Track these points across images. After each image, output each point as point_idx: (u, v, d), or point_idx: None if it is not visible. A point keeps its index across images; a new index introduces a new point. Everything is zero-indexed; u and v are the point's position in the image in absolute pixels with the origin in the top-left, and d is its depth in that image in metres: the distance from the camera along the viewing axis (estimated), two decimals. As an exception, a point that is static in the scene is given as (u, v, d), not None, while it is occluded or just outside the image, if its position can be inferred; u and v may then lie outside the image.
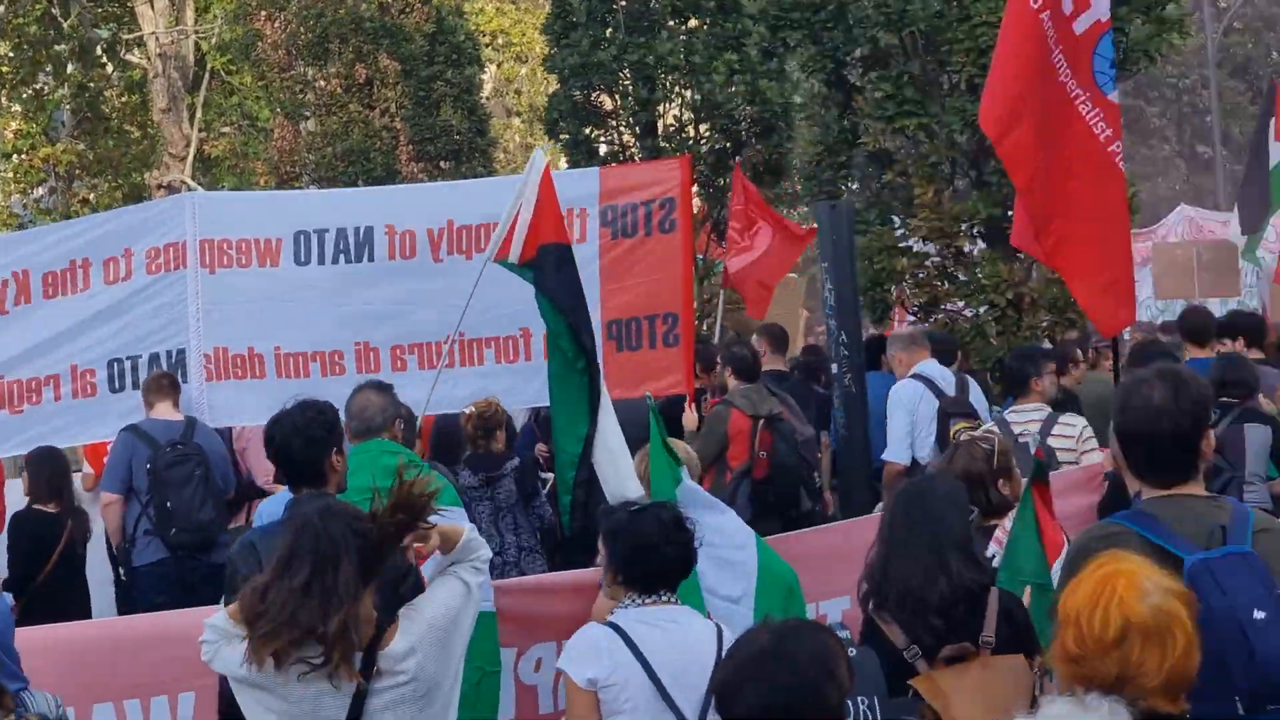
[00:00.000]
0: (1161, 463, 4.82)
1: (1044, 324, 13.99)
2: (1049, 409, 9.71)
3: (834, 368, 12.06)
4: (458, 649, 5.09)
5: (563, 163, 25.31)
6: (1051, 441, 9.37)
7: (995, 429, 8.68)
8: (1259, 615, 4.46)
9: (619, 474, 7.15)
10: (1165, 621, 3.67)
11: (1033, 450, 9.08)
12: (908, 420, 10.40)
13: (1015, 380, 9.95)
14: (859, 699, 5.16)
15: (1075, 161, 8.94)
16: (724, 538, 6.66)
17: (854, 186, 17.42)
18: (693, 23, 21.11)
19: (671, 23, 20.85)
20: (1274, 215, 20.25)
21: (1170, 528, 4.68)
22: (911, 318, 15.59)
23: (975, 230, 14.63)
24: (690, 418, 10.69)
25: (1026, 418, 9.61)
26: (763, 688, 3.74)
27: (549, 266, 7.62)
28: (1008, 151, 9.02)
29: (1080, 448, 9.33)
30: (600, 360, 8.75)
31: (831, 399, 11.58)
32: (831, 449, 11.80)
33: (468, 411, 9.96)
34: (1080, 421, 9.55)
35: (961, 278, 14.69)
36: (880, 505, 9.18)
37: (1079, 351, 12.89)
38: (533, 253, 7.62)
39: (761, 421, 10.56)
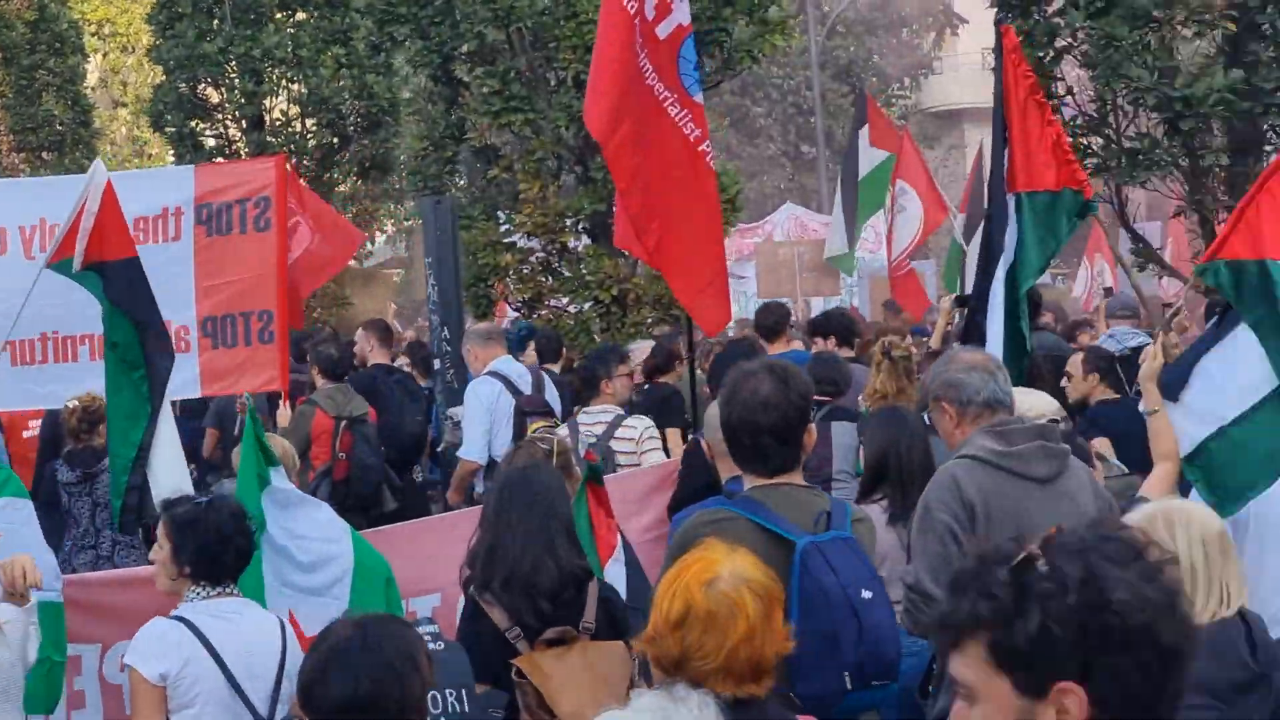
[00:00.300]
0: (767, 453, 4.97)
1: (649, 320, 14.19)
2: (619, 410, 9.84)
3: (436, 363, 12.06)
4: None
5: (169, 157, 24.67)
6: (613, 444, 9.49)
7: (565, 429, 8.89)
8: (866, 594, 4.73)
9: (173, 481, 7.08)
10: (726, 608, 3.75)
11: (597, 451, 9.26)
12: (486, 418, 10.36)
13: (586, 382, 10.07)
14: (447, 691, 5.18)
15: (669, 163, 9.07)
16: (318, 530, 6.62)
17: (460, 182, 17.42)
18: (300, 16, 20.84)
19: (279, 15, 20.54)
20: (873, 217, 21.03)
21: (778, 513, 4.85)
22: (515, 313, 15.69)
23: (580, 226, 14.77)
24: (284, 414, 10.57)
25: (595, 419, 9.72)
26: (348, 677, 3.73)
27: (118, 278, 7.45)
28: (613, 153, 9.13)
29: (640, 449, 9.48)
30: (190, 360, 8.53)
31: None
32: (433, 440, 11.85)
33: (70, 406, 9.71)
34: (643, 424, 9.68)
35: (566, 274, 14.81)
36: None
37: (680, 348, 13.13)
38: (95, 259, 7.42)
39: (344, 422, 10.59)
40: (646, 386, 11.19)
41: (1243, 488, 6.31)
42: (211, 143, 21.37)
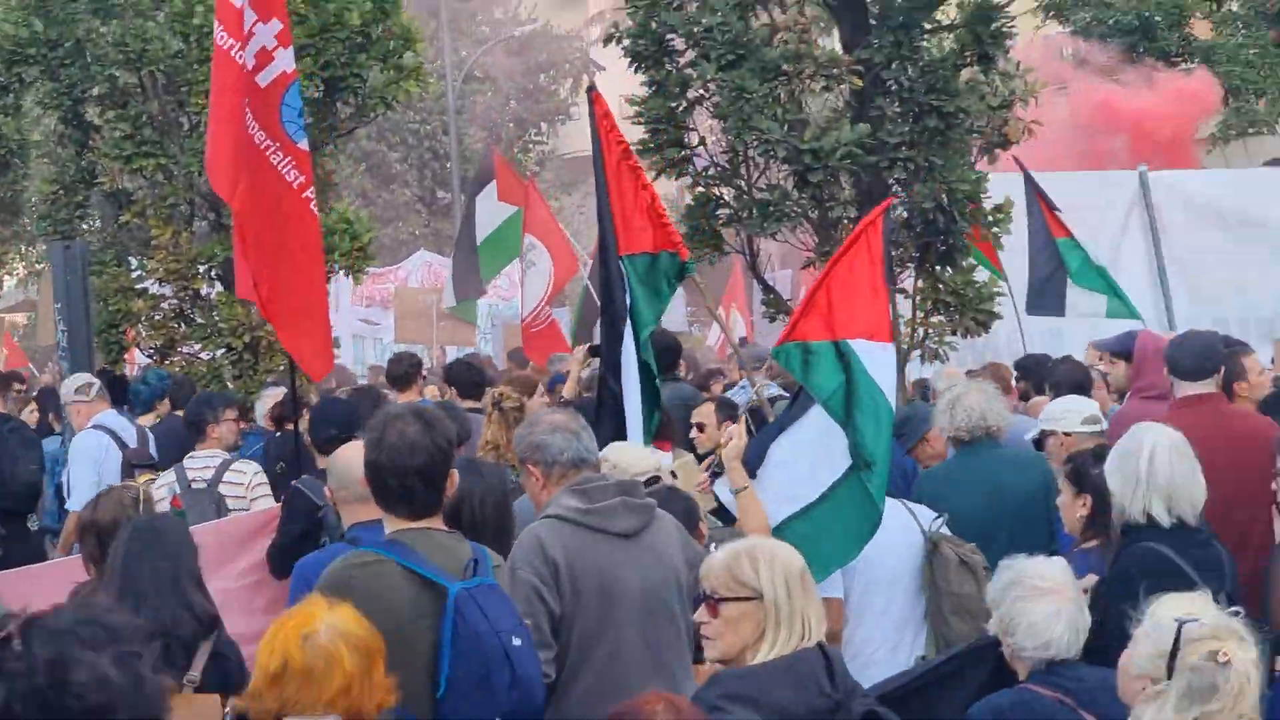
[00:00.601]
0: (413, 495, 5.01)
1: (281, 367, 13.96)
2: (226, 455, 9.77)
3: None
4: None
5: None
6: (222, 488, 9.42)
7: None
8: (516, 641, 4.76)
9: None
10: (323, 662, 3.82)
11: (209, 497, 9.26)
12: (93, 471, 10.33)
13: (193, 426, 9.96)
14: None
15: (273, 211, 9.03)
16: None
17: (92, 226, 16.89)
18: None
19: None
20: (509, 266, 21.07)
21: (428, 558, 4.87)
22: (147, 359, 15.32)
23: (214, 273, 14.48)
24: None
25: (204, 464, 9.60)
26: None
27: None
28: (238, 208, 9.10)
29: (250, 494, 9.42)
30: None
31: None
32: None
33: None
34: (251, 468, 9.64)
35: (199, 320, 14.52)
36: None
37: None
38: None
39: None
40: (278, 434, 11.06)
41: (827, 562, 6.58)
42: None
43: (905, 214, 12.53)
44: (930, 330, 12.65)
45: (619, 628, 5.59)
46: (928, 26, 12.80)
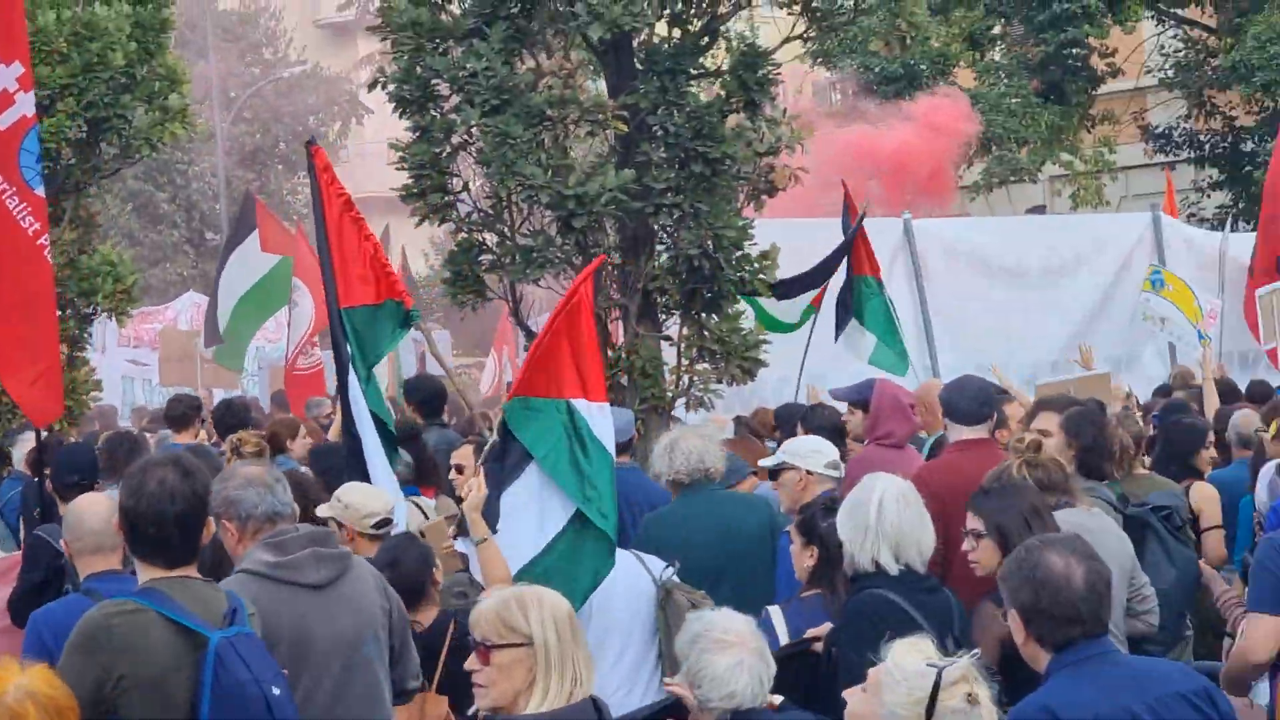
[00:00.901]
0: (171, 543, 5.03)
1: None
2: None
3: None
4: None
5: None
6: None
7: None
8: (276, 691, 4.82)
9: None
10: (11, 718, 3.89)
11: None
12: None
13: None
14: None
15: (8, 256, 8.89)
16: None
17: None
18: None
19: None
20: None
21: (186, 606, 4.86)
22: None
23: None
24: None
25: None
26: None
27: None
28: None
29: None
30: None
31: None
32: None
33: None
34: None
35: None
36: None
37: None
38: None
39: None
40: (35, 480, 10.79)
41: None
42: None
43: (671, 260, 12.48)
44: (695, 378, 12.59)
45: (312, 679, 5.67)
46: (694, 72, 12.79)
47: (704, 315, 12.64)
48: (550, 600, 4.68)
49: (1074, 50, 27.41)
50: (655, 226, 12.51)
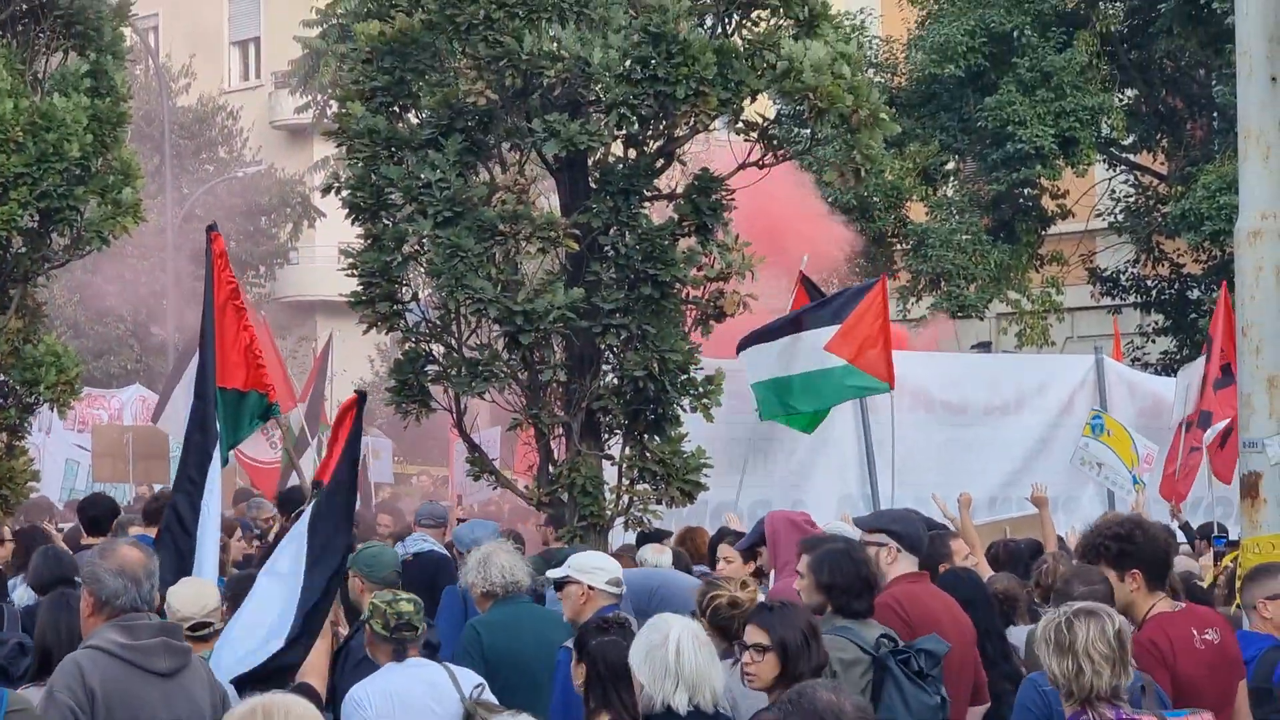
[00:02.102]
0: None
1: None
2: None
3: None
4: None
5: None
6: None
7: None
8: None
9: None
10: None
11: None
12: None
13: None
14: None
15: None
16: None
17: None
18: None
19: None
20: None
21: None
22: None
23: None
24: None
25: None
26: None
27: None
28: None
29: None
30: None
31: None
32: None
33: None
34: None
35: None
36: None
37: None
38: None
39: None
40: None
41: None
42: None
43: (616, 381, 12.45)
44: (635, 498, 12.53)
45: None
46: (648, 194, 12.84)
47: (647, 436, 12.61)
48: (297, 711, 4.61)
49: (1026, 190, 27.66)
50: (602, 346, 12.51)
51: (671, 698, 6.00)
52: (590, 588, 8.21)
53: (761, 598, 8.08)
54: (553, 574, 8.54)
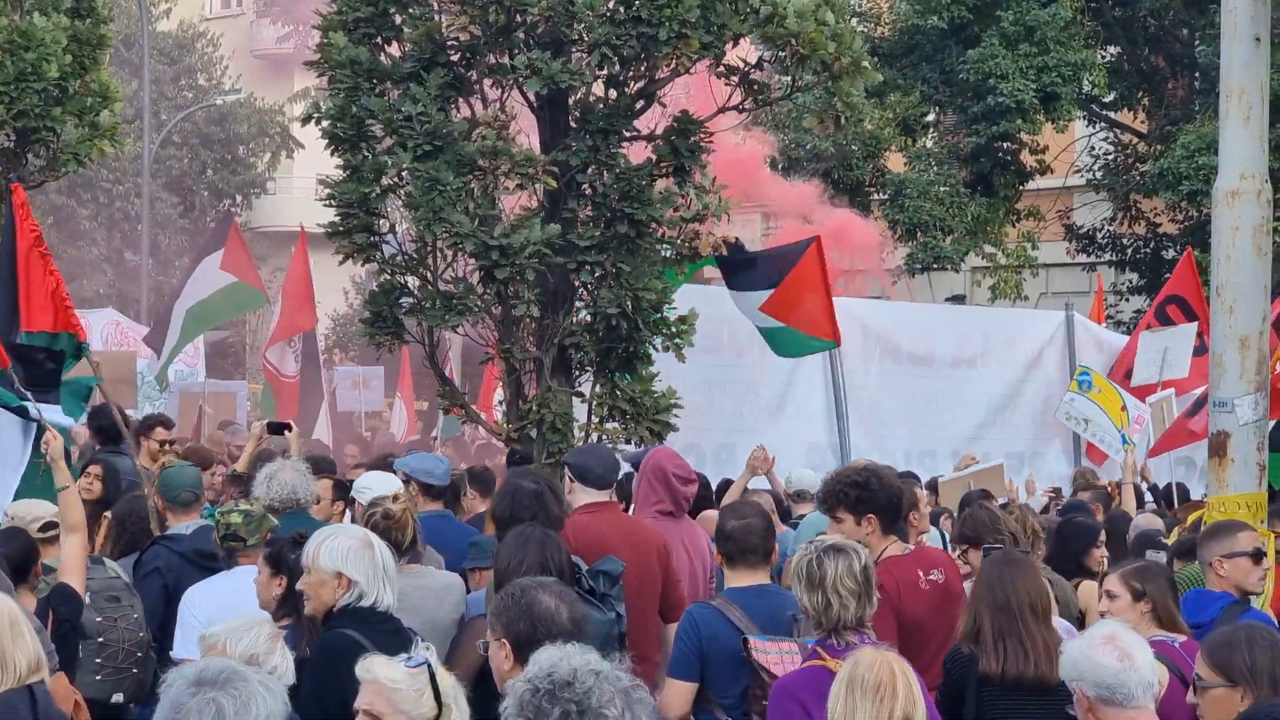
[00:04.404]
0: None
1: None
2: None
3: None
4: None
5: None
6: None
7: None
8: None
9: None
10: None
11: None
12: None
13: None
14: None
15: None
16: None
17: None
18: None
19: None
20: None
21: None
22: None
23: None
24: None
25: None
26: None
27: None
28: None
29: None
30: None
31: None
32: None
33: None
34: None
35: None
36: None
37: None
38: None
39: None
40: None
41: None
42: None
43: (588, 318, 12.50)
44: (605, 436, 12.61)
45: None
46: (627, 134, 12.86)
47: (617, 375, 12.66)
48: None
49: (1005, 144, 27.71)
50: (576, 283, 12.55)
51: (384, 597, 6.34)
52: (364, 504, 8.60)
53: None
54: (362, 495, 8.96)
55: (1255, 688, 5.38)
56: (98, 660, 8.26)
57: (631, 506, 9.50)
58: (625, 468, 10.04)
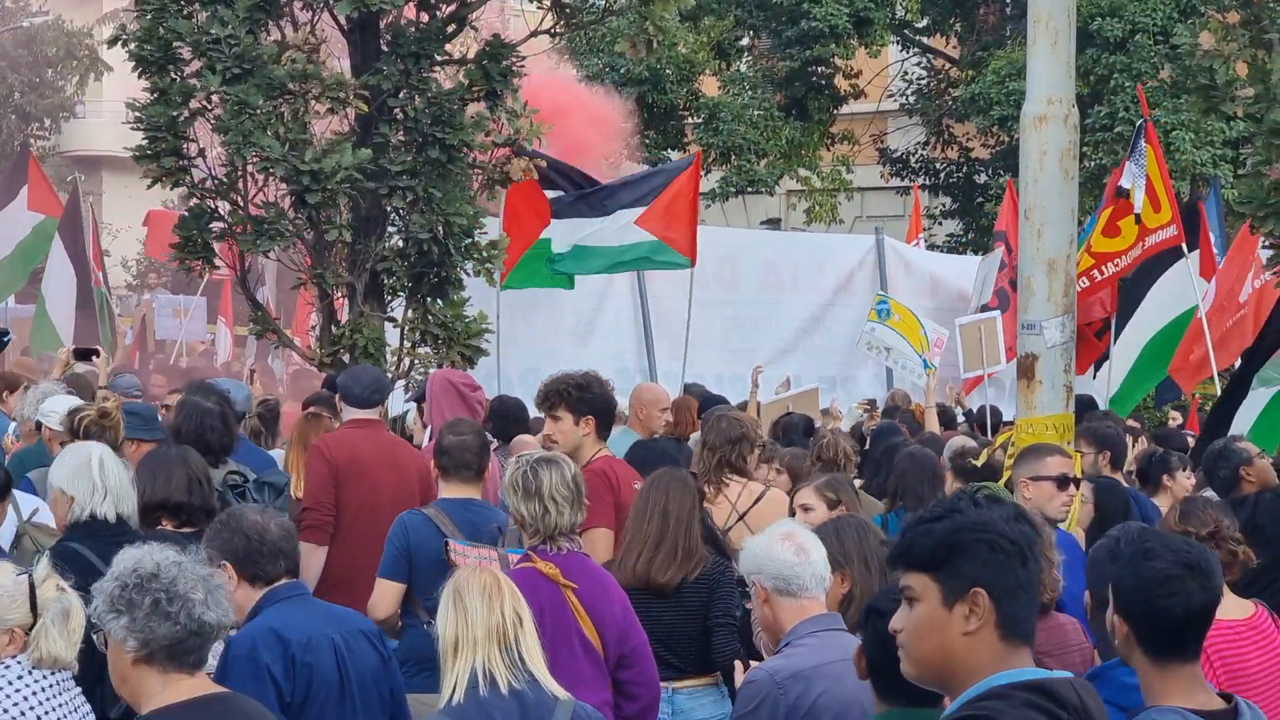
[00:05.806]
0: None
1: None
2: None
3: None
4: None
5: None
6: None
7: None
8: None
9: None
10: None
11: None
12: None
13: None
14: None
15: None
16: None
17: None
18: None
19: None
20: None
21: None
22: None
23: None
24: None
25: None
26: None
27: None
28: None
29: None
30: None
31: None
32: None
33: None
34: None
35: None
36: None
37: None
38: None
39: None
40: None
41: None
42: None
43: (400, 243, 12.53)
44: (416, 360, 12.67)
45: None
46: (439, 58, 12.86)
47: (429, 300, 12.72)
48: None
49: (819, 69, 28.02)
50: (388, 208, 12.57)
51: (100, 508, 6.51)
52: (50, 429, 8.69)
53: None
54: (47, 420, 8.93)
55: (848, 567, 5.89)
56: None
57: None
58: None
